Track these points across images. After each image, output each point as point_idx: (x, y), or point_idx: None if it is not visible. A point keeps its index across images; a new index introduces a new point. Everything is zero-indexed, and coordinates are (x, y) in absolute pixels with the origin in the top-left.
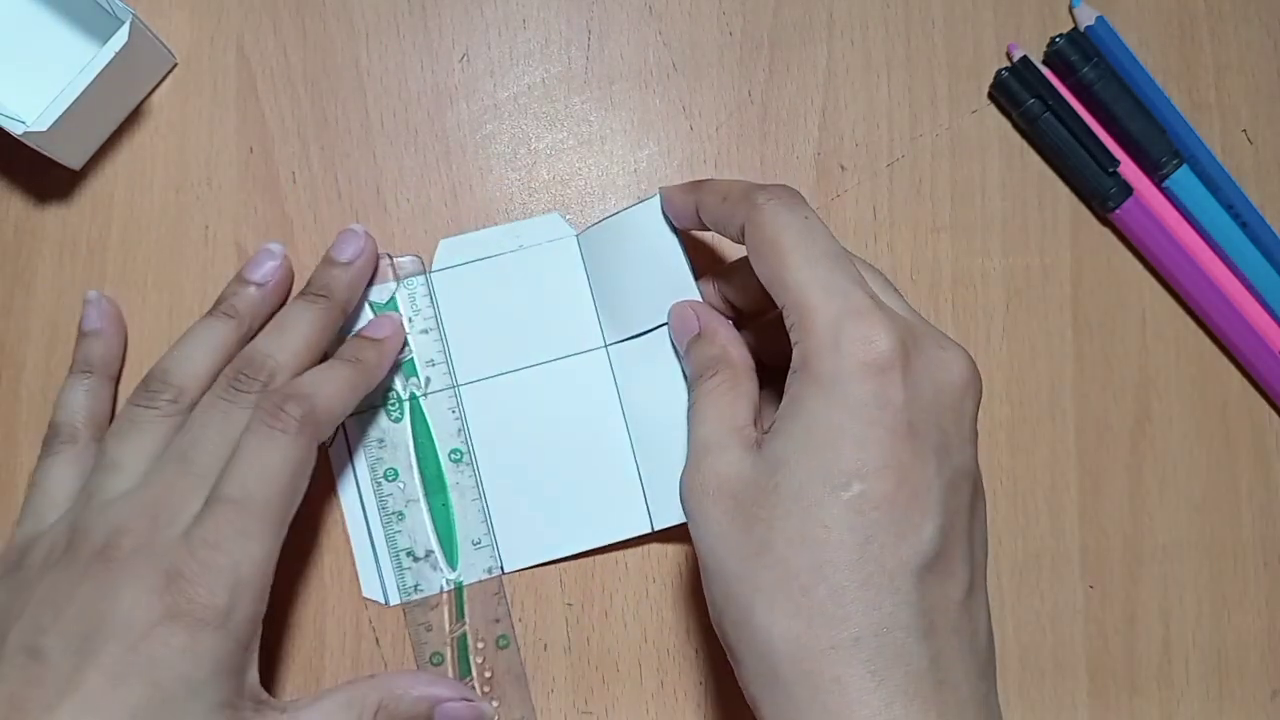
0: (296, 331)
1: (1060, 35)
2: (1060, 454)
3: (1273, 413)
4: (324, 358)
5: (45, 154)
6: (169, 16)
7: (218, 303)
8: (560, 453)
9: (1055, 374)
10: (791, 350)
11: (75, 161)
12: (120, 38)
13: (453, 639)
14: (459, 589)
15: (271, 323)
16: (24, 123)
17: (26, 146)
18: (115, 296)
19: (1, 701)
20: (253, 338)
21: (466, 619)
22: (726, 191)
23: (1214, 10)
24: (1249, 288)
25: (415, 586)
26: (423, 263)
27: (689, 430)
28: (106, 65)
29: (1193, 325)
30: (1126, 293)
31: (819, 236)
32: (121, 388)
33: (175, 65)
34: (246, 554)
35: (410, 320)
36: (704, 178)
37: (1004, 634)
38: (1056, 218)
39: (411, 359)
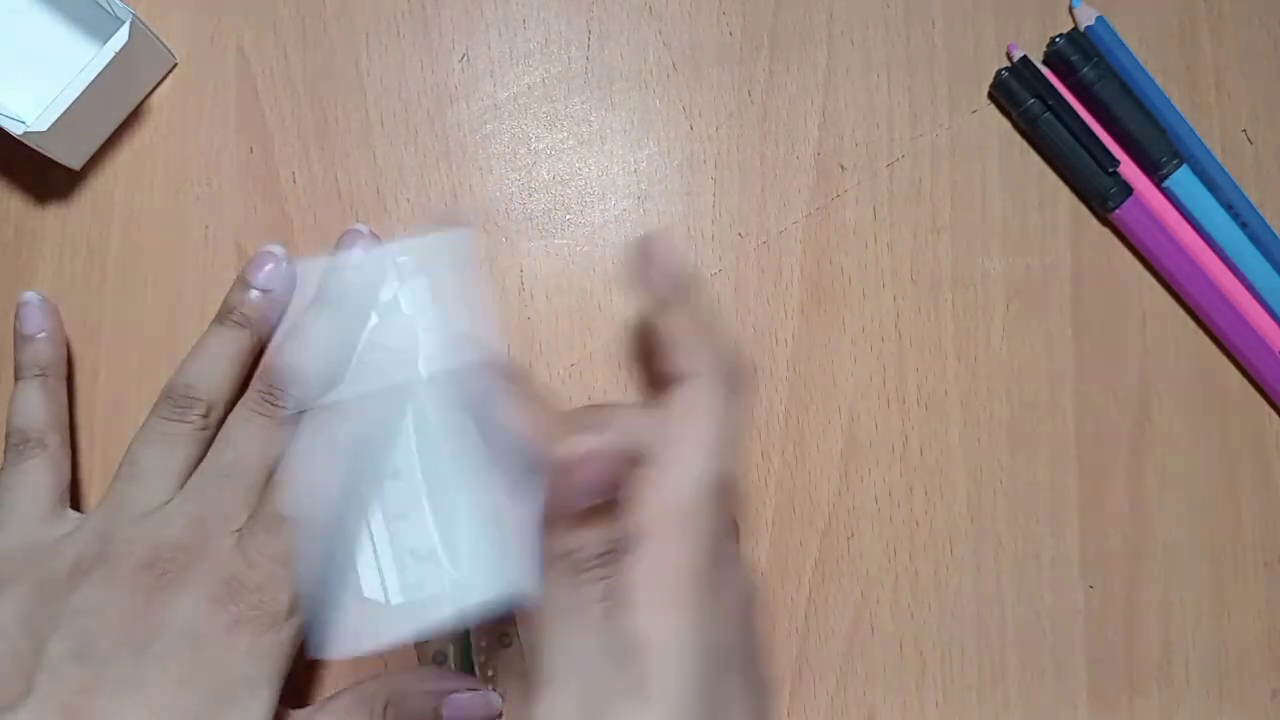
0: (317, 341)
1: (1060, 35)
2: (1060, 454)
3: (1273, 413)
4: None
5: (45, 154)
6: (169, 16)
7: (226, 310)
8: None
9: (1055, 374)
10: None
11: (75, 161)
12: (120, 38)
13: (456, 637)
14: None
15: (290, 334)
16: (24, 123)
17: (26, 146)
18: (115, 296)
19: (54, 712)
20: (265, 340)
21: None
22: (704, 326)
23: (1214, 10)
24: (1249, 288)
25: (418, 585)
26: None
27: None
28: (106, 65)
29: (1193, 325)
30: (1126, 293)
31: (729, 450)
32: (122, 389)
33: (175, 65)
34: (303, 564)
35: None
36: (687, 282)
37: (1004, 634)
38: (1056, 218)
39: None
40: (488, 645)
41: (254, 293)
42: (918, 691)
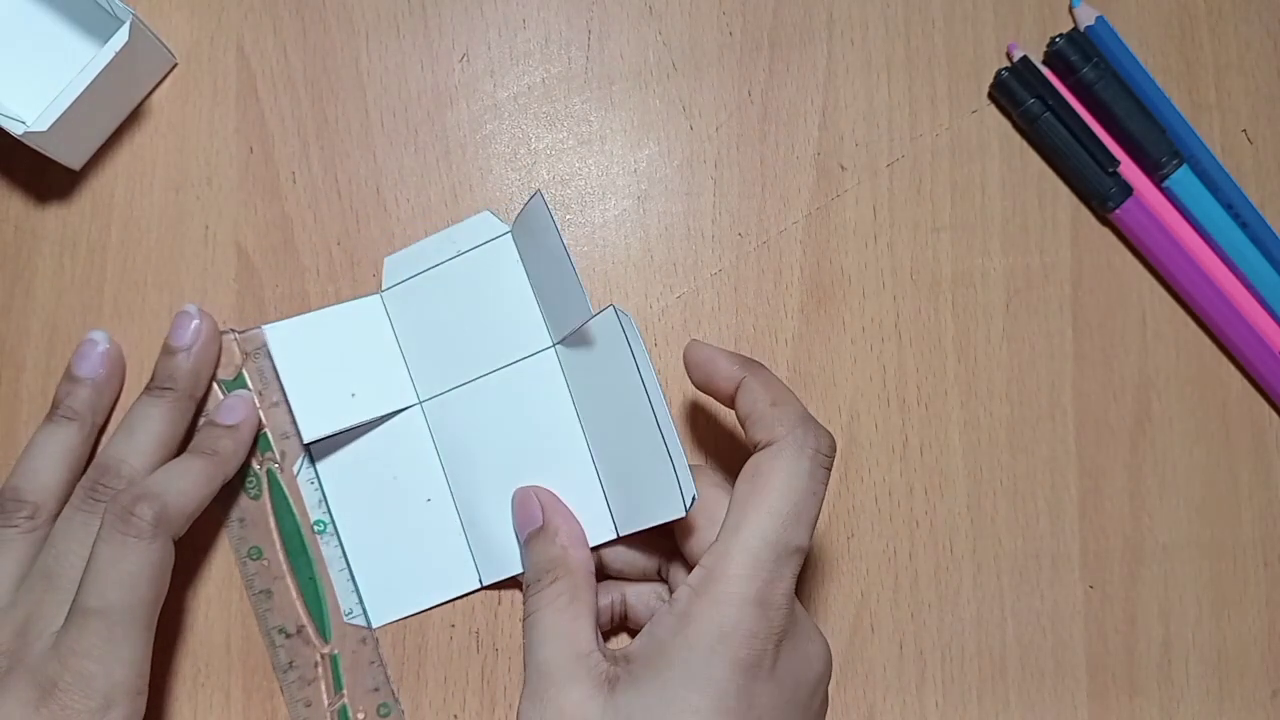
0: (146, 431)
1: (1060, 35)
2: (1060, 454)
3: (1273, 413)
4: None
5: (45, 154)
6: (169, 16)
7: (54, 406)
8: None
9: (1055, 374)
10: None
11: (75, 161)
12: (120, 38)
13: (332, 712)
14: (334, 661)
15: (121, 425)
16: (24, 123)
17: (26, 146)
18: (115, 296)
19: None
20: (98, 430)
21: (345, 690)
22: (777, 398)
23: (1214, 10)
24: (1249, 288)
25: (290, 664)
26: (264, 335)
27: (527, 647)
28: (106, 65)
29: (1193, 325)
30: (1126, 293)
31: (804, 521)
32: (125, 392)
33: (175, 65)
34: (117, 659)
35: (260, 394)
36: (752, 359)
37: (1004, 634)
38: (1056, 218)
39: (265, 434)
40: (365, 717)
41: (82, 385)
42: (918, 691)
